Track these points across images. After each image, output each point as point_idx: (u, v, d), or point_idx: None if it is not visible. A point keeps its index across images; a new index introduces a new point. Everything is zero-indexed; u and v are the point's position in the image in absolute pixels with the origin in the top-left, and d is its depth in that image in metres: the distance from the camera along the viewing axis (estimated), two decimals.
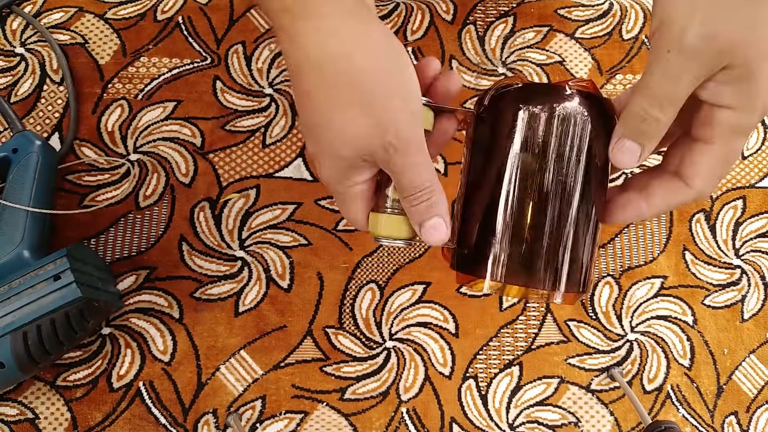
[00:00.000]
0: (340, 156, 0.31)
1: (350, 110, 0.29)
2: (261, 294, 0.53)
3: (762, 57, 0.28)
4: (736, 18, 0.28)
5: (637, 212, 0.34)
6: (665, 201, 0.34)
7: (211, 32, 0.59)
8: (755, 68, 0.29)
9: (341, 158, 0.31)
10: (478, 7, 0.62)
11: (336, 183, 0.33)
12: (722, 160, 0.32)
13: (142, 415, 0.50)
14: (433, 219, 0.32)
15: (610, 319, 0.54)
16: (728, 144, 0.31)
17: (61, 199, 0.54)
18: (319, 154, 0.32)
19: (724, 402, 0.53)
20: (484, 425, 0.51)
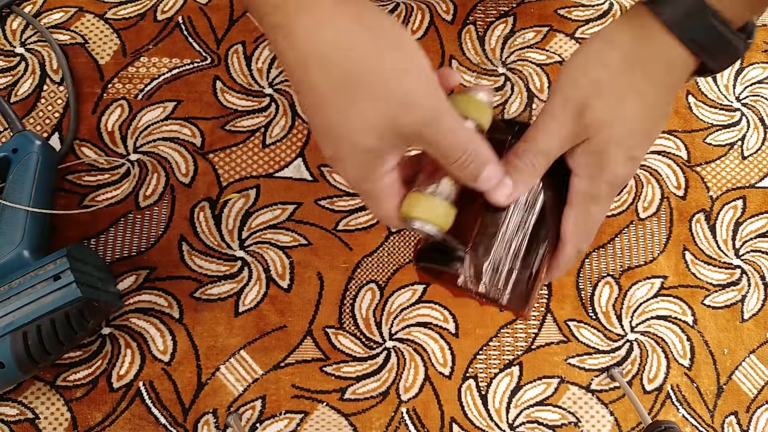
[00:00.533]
0: (364, 148, 0.30)
1: (364, 98, 0.29)
2: (261, 294, 0.53)
3: (612, 141, 0.35)
4: (605, 106, 0.35)
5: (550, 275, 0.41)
6: (558, 261, 0.39)
7: (211, 32, 0.59)
8: (604, 148, 0.35)
9: (365, 150, 0.31)
10: (478, 7, 0.62)
11: (362, 180, 0.33)
12: (582, 220, 0.38)
13: (142, 415, 0.50)
14: (485, 170, 0.33)
15: (610, 319, 0.54)
16: (584, 207, 0.37)
17: (61, 199, 0.54)
18: (339, 155, 0.31)
19: (724, 402, 0.53)
20: (484, 425, 0.51)
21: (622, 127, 0.35)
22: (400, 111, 0.29)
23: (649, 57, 0.35)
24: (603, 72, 0.35)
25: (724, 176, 0.58)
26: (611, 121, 0.35)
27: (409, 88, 0.29)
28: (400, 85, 0.29)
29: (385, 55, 0.29)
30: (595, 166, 0.36)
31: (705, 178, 0.58)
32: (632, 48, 0.35)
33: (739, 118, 0.60)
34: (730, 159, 0.59)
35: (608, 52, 0.35)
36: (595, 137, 0.35)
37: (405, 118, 0.30)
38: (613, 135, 0.35)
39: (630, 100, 0.35)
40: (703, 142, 0.59)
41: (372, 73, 0.29)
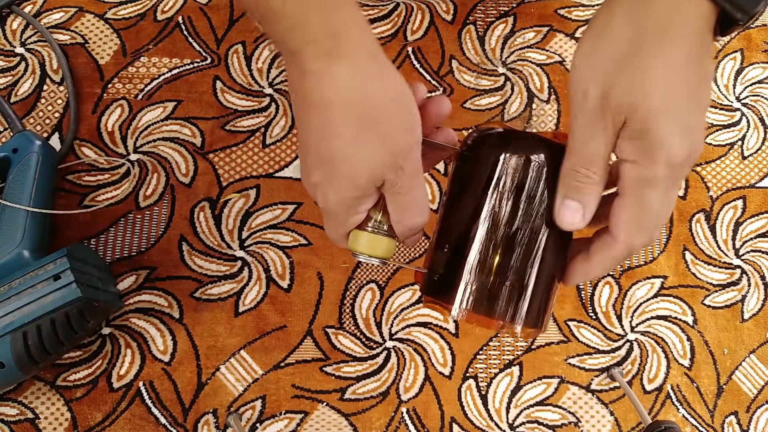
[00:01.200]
0: (356, 185, 0.33)
1: (371, 142, 0.32)
2: (261, 294, 0.53)
3: (653, 114, 0.30)
4: (626, 80, 0.31)
5: (584, 274, 0.36)
6: (601, 259, 0.35)
7: (211, 32, 0.59)
8: (648, 125, 0.31)
9: (357, 188, 0.33)
10: (478, 7, 0.62)
11: (343, 212, 0.35)
12: (638, 211, 0.33)
13: (142, 415, 0.50)
14: (419, 234, 0.37)
15: (610, 319, 0.54)
16: (639, 196, 0.32)
17: (61, 199, 0.54)
18: (328, 185, 0.34)
19: (724, 402, 0.53)
20: (484, 425, 0.51)
21: (658, 96, 0.30)
22: (391, 159, 0.33)
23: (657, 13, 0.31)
24: (611, 47, 0.31)
25: (724, 176, 0.58)
26: (642, 93, 0.30)
27: (403, 145, 0.33)
28: (399, 141, 0.33)
29: (395, 114, 0.33)
30: (644, 147, 0.31)
31: (705, 178, 0.58)
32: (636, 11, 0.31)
33: (739, 118, 0.60)
34: (730, 159, 0.59)
35: (611, 28, 0.32)
36: (632, 116, 0.31)
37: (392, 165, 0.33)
38: (651, 106, 0.30)
39: (654, 67, 0.30)
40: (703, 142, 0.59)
41: (383, 125, 0.32)
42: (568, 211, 0.34)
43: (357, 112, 0.32)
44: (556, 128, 0.59)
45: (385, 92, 0.32)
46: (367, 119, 0.32)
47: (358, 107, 0.32)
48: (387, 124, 0.32)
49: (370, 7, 0.61)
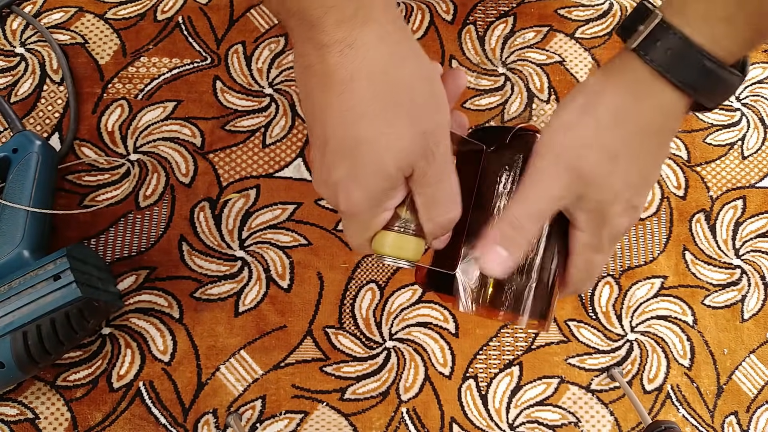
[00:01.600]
0: (386, 174, 0.30)
1: (399, 122, 0.30)
2: (261, 294, 0.53)
3: (609, 199, 0.34)
4: (598, 164, 0.34)
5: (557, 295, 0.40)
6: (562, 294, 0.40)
7: (211, 32, 0.59)
8: (602, 206, 0.35)
9: (386, 177, 0.31)
10: (478, 7, 0.62)
11: (369, 210, 0.32)
12: (585, 269, 0.38)
13: (142, 415, 0.50)
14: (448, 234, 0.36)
15: (610, 319, 0.54)
16: (587, 257, 0.37)
17: (61, 199, 0.54)
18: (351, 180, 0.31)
19: (724, 402, 0.53)
20: (484, 425, 0.51)
21: (618, 182, 0.34)
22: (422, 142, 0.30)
23: (641, 107, 0.34)
24: (592, 129, 0.34)
25: (724, 176, 0.58)
26: (606, 179, 0.34)
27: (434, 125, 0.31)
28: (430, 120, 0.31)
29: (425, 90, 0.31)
30: (595, 221, 0.35)
31: (705, 178, 0.58)
32: (622, 100, 0.34)
33: (739, 118, 0.60)
34: (730, 159, 0.59)
35: (596, 108, 0.34)
36: (590, 194, 0.34)
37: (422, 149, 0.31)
38: (610, 191, 0.34)
39: (623, 155, 0.34)
40: (703, 142, 0.59)
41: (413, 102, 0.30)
42: (496, 257, 0.34)
43: (385, 86, 0.29)
44: None
45: (414, 65, 0.30)
46: (396, 94, 0.29)
47: (387, 80, 0.29)
48: (417, 102, 0.30)
49: None
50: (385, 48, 0.29)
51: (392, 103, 0.29)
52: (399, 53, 0.30)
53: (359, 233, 0.34)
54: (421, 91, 0.30)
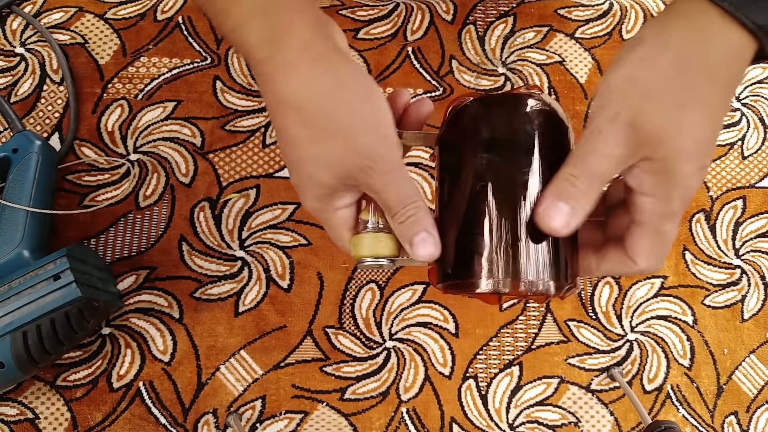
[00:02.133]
0: (322, 183, 0.33)
1: (329, 142, 0.32)
2: (261, 294, 0.53)
3: (679, 156, 0.31)
4: (663, 117, 0.31)
5: (588, 268, 0.36)
6: (615, 268, 0.35)
7: (211, 32, 0.59)
8: (672, 165, 0.31)
9: (323, 186, 0.33)
10: (478, 7, 0.62)
11: (321, 211, 0.35)
12: (657, 241, 0.34)
13: (142, 415, 0.50)
14: (420, 234, 0.33)
15: (610, 319, 0.54)
16: (658, 227, 0.33)
17: (61, 199, 0.54)
18: (301, 186, 0.35)
19: (724, 402, 0.53)
20: (484, 425, 0.51)
21: (688, 139, 0.31)
22: (356, 158, 0.32)
23: (708, 52, 0.31)
24: (656, 79, 0.31)
25: (724, 176, 0.58)
26: (674, 134, 0.31)
27: (367, 143, 0.32)
28: (361, 140, 0.32)
29: (352, 112, 0.32)
30: (665, 185, 0.32)
31: (705, 177, 0.58)
32: (687, 46, 0.31)
33: (739, 118, 0.60)
34: (730, 159, 0.59)
35: (659, 56, 0.31)
36: (658, 154, 0.31)
37: (356, 165, 0.32)
38: (680, 149, 0.31)
39: (691, 107, 0.31)
40: None
41: (335, 125, 0.32)
42: (558, 213, 0.32)
43: (308, 117, 0.32)
44: None
45: (336, 95, 0.32)
46: (320, 124, 0.32)
47: (309, 113, 0.32)
48: (343, 127, 0.32)
49: (370, 7, 0.61)
50: (303, 86, 0.31)
51: (318, 131, 0.32)
52: (319, 88, 0.32)
53: (333, 234, 0.37)
54: (347, 117, 0.32)
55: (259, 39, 0.31)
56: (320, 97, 0.32)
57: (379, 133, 0.33)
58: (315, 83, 0.32)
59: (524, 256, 0.32)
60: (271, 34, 0.31)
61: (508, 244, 0.33)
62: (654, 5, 0.63)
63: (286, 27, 0.31)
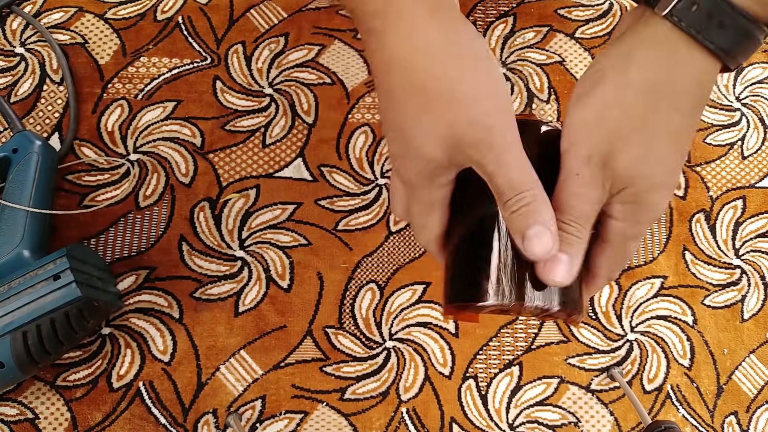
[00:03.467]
0: (427, 156, 0.30)
1: (436, 110, 0.29)
2: (261, 294, 0.53)
3: (651, 188, 0.32)
4: (633, 155, 0.31)
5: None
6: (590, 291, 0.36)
7: (211, 32, 0.59)
8: (643, 197, 0.32)
9: (427, 158, 0.31)
10: (478, 7, 0.62)
11: (418, 186, 0.32)
12: (620, 259, 0.35)
13: (142, 415, 0.50)
14: (535, 226, 0.30)
15: (610, 319, 0.54)
16: (623, 248, 0.34)
17: (61, 199, 0.54)
18: (404, 154, 0.32)
19: (724, 402, 0.53)
20: (484, 425, 0.51)
21: (658, 170, 0.31)
22: (467, 131, 0.29)
23: (674, 81, 0.31)
24: (623, 119, 0.30)
25: (724, 176, 0.58)
26: (645, 170, 0.31)
27: (480, 112, 0.29)
28: (472, 108, 0.29)
29: (466, 76, 0.29)
30: (635, 212, 0.33)
31: (705, 178, 0.58)
32: (652, 77, 0.30)
33: (739, 118, 0.60)
34: (730, 159, 0.59)
35: (624, 94, 0.31)
36: (632, 187, 0.31)
37: (468, 138, 0.29)
38: (651, 182, 0.31)
39: (661, 140, 0.31)
40: (702, 142, 0.59)
41: (449, 89, 0.29)
42: (558, 265, 0.31)
43: (419, 78, 0.29)
44: None
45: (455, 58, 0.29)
46: (432, 85, 0.29)
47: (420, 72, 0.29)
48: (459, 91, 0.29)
49: None
50: (419, 41, 0.29)
51: (430, 92, 0.29)
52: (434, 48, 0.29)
53: (418, 214, 0.33)
54: (457, 85, 0.29)
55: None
56: (435, 53, 0.29)
57: (498, 103, 0.30)
58: (431, 36, 0.29)
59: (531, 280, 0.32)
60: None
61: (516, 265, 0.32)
62: None
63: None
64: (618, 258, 0.34)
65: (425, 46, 0.29)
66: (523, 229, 0.30)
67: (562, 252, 0.31)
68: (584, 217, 0.32)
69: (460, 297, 0.34)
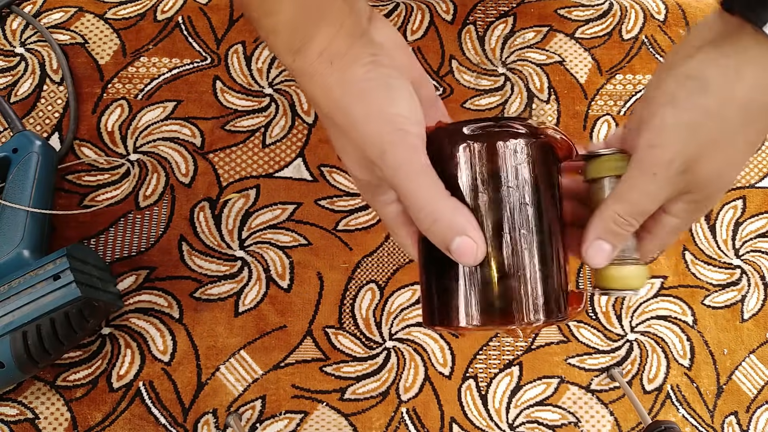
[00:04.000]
0: (358, 177, 0.34)
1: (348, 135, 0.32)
2: (261, 294, 0.53)
3: (717, 193, 0.34)
4: (717, 166, 0.32)
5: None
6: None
7: (211, 32, 0.59)
8: (708, 200, 0.34)
9: (359, 179, 0.34)
10: (478, 7, 0.62)
11: (372, 203, 0.36)
12: (666, 243, 0.36)
13: (142, 415, 0.50)
14: (455, 240, 0.30)
15: (610, 319, 0.54)
16: (666, 238, 0.36)
17: (61, 199, 0.54)
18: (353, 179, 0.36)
19: (724, 402, 0.53)
20: (484, 425, 0.51)
21: (729, 177, 0.33)
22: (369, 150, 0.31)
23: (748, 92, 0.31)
24: (719, 132, 0.31)
25: None
26: (722, 175, 0.33)
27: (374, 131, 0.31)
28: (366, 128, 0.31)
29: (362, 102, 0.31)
30: (694, 212, 0.34)
31: None
32: (755, 97, 0.31)
33: None
34: None
35: (727, 108, 0.31)
36: (700, 190, 0.33)
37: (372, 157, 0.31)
38: (720, 188, 0.33)
39: (740, 151, 0.32)
40: None
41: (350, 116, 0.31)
42: (599, 252, 0.33)
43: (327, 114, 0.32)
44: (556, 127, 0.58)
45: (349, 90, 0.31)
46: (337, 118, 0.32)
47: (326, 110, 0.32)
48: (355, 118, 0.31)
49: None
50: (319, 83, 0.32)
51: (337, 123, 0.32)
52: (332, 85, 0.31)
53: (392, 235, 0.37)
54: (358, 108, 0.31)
55: (283, 48, 0.31)
56: (333, 92, 0.32)
57: (392, 124, 0.30)
58: (327, 81, 0.31)
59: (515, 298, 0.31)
60: (293, 44, 0.31)
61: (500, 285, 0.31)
62: (654, 5, 0.63)
63: (306, 35, 0.31)
64: (664, 244, 0.36)
65: (325, 90, 0.32)
66: (446, 244, 0.30)
67: (606, 242, 0.33)
68: (644, 214, 0.33)
69: (435, 321, 0.34)
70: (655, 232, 0.35)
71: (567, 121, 0.59)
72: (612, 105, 0.60)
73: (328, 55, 0.31)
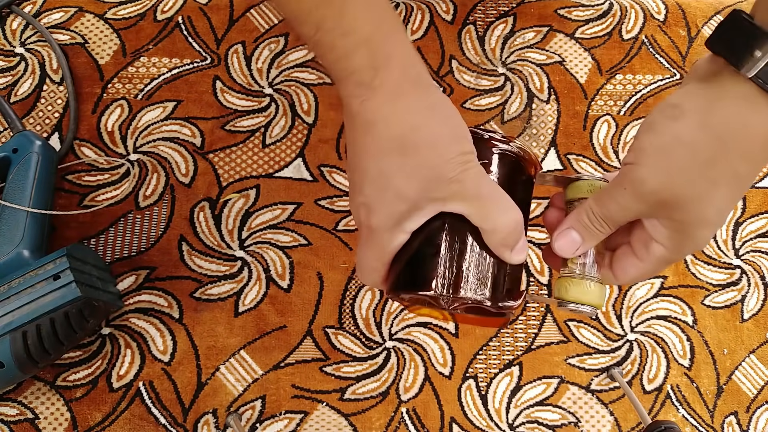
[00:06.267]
0: (405, 196, 0.33)
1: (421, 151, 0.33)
2: (261, 294, 0.53)
3: (700, 223, 0.34)
4: (691, 190, 0.33)
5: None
6: None
7: (211, 32, 0.59)
8: (691, 229, 0.34)
9: (405, 199, 0.33)
10: (478, 7, 0.62)
11: (386, 229, 0.35)
12: (648, 273, 0.37)
13: (142, 415, 0.50)
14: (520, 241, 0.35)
15: (610, 320, 0.54)
16: (655, 268, 0.37)
17: (61, 199, 0.54)
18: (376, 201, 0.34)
19: (724, 402, 0.53)
20: (484, 425, 0.51)
21: (711, 210, 0.34)
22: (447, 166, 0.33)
23: (748, 137, 0.32)
24: (691, 158, 0.33)
25: None
26: (699, 206, 0.33)
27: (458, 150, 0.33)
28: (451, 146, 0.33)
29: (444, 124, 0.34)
30: (680, 241, 0.35)
31: None
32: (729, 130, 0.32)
33: None
34: None
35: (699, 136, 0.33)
36: (679, 217, 0.34)
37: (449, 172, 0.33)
38: (702, 218, 0.34)
39: (721, 185, 0.33)
40: None
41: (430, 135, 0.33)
42: (568, 241, 0.36)
43: (402, 132, 0.33)
44: (555, 129, 0.59)
45: (433, 112, 0.33)
46: (413, 137, 0.33)
47: (402, 127, 0.33)
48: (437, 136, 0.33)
49: None
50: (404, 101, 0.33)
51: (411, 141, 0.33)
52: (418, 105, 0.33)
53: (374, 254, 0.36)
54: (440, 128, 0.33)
55: (362, 65, 0.32)
56: (418, 114, 0.33)
57: (468, 144, 0.34)
58: (410, 100, 0.33)
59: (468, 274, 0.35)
60: (375, 61, 0.32)
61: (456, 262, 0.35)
62: (654, 5, 0.63)
63: (387, 55, 0.33)
64: (647, 273, 0.37)
65: (406, 107, 0.33)
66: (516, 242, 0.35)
67: (576, 232, 0.36)
68: (612, 221, 0.35)
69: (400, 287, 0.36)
70: (644, 258, 0.36)
71: (567, 121, 0.59)
72: (612, 105, 0.60)
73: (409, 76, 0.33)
